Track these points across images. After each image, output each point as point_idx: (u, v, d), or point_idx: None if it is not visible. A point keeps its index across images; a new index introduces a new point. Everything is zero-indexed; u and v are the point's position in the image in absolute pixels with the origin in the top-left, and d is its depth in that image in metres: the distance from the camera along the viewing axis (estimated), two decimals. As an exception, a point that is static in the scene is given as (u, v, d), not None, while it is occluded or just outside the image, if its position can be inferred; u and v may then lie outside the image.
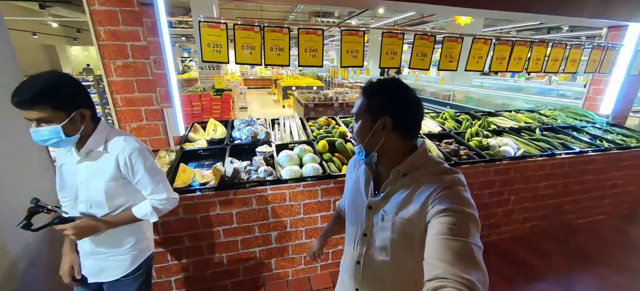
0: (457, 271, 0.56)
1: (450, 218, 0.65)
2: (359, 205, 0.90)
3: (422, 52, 2.35)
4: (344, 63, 2.26)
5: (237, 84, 8.59)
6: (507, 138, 2.75)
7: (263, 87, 16.01)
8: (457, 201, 0.68)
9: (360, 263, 0.90)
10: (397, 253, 0.81)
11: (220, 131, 2.53)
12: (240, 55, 2.11)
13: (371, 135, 0.78)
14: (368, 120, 0.79)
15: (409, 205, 0.76)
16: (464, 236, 0.62)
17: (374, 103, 0.78)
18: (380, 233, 0.83)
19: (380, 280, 0.88)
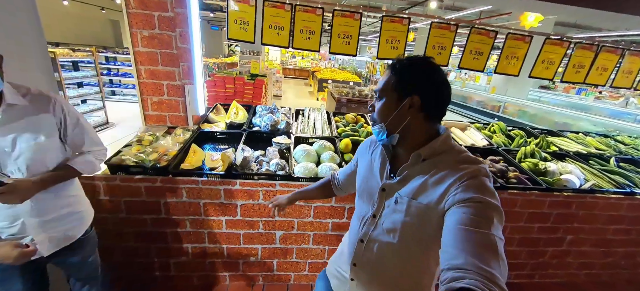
0: (478, 262, 0.54)
1: (473, 209, 0.62)
2: (371, 187, 0.87)
3: (478, 50, 2.00)
4: (381, 54, 2.00)
5: (274, 72, 8.62)
6: (571, 165, 2.26)
7: (301, 78, 16.05)
8: (481, 191, 0.65)
9: (363, 242, 0.89)
10: (405, 237, 0.79)
11: (242, 115, 2.42)
12: (267, 35, 1.95)
13: (396, 115, 0.74)
14: (394, 98, 0.75)
15: (428, 190, 0.73)
16: (486, 228, 0.59)
17: (402, 80, 0.74)
18: (391, 215, 0.81)
19: (380, 259, 0.86)
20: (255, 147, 2.05)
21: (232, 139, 2.15)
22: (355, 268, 0.93)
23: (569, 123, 6.13)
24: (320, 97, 9.49)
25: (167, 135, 1.93)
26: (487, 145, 2.44)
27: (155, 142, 1.84)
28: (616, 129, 5.45)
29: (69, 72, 4.76)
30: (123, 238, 1.75)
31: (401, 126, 0.76)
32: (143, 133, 1.90)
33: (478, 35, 1.95)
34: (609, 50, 2.01)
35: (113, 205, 1.65)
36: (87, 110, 4.82)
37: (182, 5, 1.87)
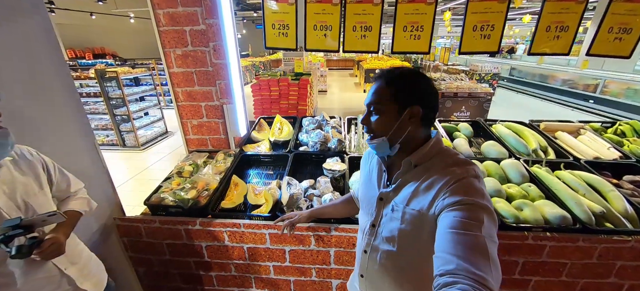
0: (469, 266, 0.54)
1: (463, 212, 0.62)
2: (370, 197, 0.87)
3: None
4: (463, 48, 1.48)
5: (318, 66, 8.31)
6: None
7: (345, 69, 15.49)
8: (470, 193, 0.64)
9: (366, 252, 0.89)
10: (403, 244, 0.79)
11: (286, 131, 2.14)
12: (311, 39, 1.59)
13: (397, 126, 0.74)
14: (394, 110, 0.74)
15: (420, 196, 0.73)
16: (476, 230, 0.59)
17: (401, 91, 0.73)
18: (389, 223, 0.81)
19: (383, 268, 0.85)
20: (303, 171, 1.75)
21: (278, 162, 1.87)
22: (363, 279, 0.94)
23: None
24: (367, 88, 8.89)
25: (208, 163, 1.74)
26: (620, 158, 1.73)
27: (195, 173, 1.66)
28: None
29: (131, 87, 5.13)
30: (169, 278, 1.62)
31: (402, 137, 0.75)
32: (183, 163, 1.74)
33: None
34: None
35: (156, 247, 1.52)
36: (148, 122, 5.15)
37: (214, 15, 1.62)
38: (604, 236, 1.25)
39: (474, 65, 8.20)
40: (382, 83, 0.76)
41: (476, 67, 8.08)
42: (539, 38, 1.47)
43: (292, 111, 4.71)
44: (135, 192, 3.40)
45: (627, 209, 1.34)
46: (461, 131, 2.14)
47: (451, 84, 5.21)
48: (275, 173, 1.80)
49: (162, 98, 7.13)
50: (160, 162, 4.31)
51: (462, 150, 1.87)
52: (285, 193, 1.39)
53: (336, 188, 1.55)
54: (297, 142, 2.03)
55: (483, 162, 1.72)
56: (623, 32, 1.33)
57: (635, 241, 1.24)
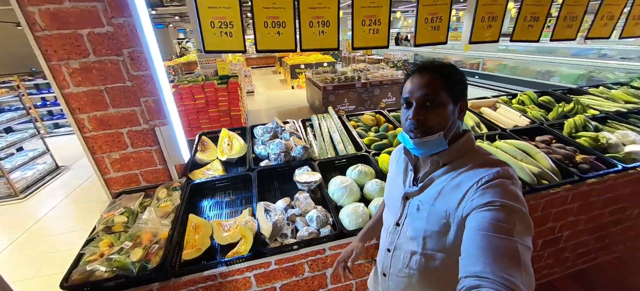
0: (497, 270, 0.51)
1: (494, 213, 0.58)
2: (396, 195, 0.86)
3: (533, 14, 1.58)
4: (418, 40, 1.51)
5: (240, 66, 7.76)
6: (623, 131, 2.01)
7: (266, 66, 15.03)
8: (502, 195, 0.60)
9: (389, 251, 0.87)
10: (428, 244, 0.76)
11: (238, 146, 1.85)
12: (263, 38, 1.37)
13: (452, 122, 0.71)
14: (450, 104, 0.70)
15: (447, 195, 0.70)
16: (508, 233, 0.55)
17: (454, 85, 0.70)
18: (414, 223, 0.78)
19: (407, 268, 0.82)
20: (270, 188, 1.54)
21: (237, 184, 1.60)
22: (385, 278, 0.91)
23: (551, 70, 6.17)
24: (296, 85, 8.83)
25: (147, 206, 1.34)
26: (530, 124, 2.12)
27: (132, 223, 1.25)
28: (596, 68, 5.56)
29: (-15, 116, 3.68)
30: None
31: (452, 132, 0.73)
32: (110, 213, 1.29)
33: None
34: None
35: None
36: (25, 159, 3.78)
37: (124, 12, 1.21)
38: (544, 192, 1.49)
39: (387, 54, 9.07)
40: (438, 75, 0.70)
41: (389, 56, 8.96)
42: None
43: (225, 119, 4.25)
44: (26, 263, 2.44)
45: (552, 165, 1.64)
46: (409, 118, 2.26)
47: (376, 73, 5.60)
48: (238, 197, 1.53)
49: (41, 124, 5.44)
50: (56, 211, 3.23)
51: (418, 137, 1.96)
52: (266, 222, 1.17)
53: (314, 201, 1.40)
54: (255, 157, 1.78)
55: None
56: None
57: (563, 190, 1.52)
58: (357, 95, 5.28)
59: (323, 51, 1.47)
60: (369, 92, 5.31)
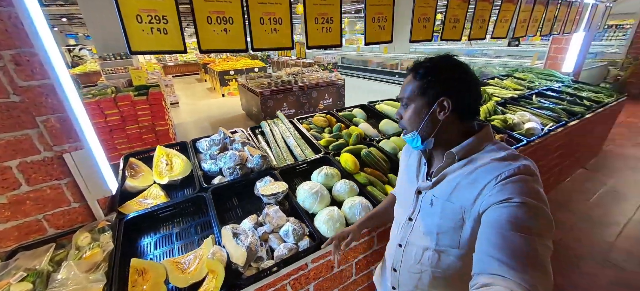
0: (513, 270, 0.49)
1: (513, 210, 0.56)
2: (408, 190, 0.85)
3: (455, 17, 1.80)
4: (368, 39, 1.55)
5: (158, 75, 6.83)
6: (520, 111, 2.50)
7: (189, 74, 13.67)
8: (523, 192, 0.58)
9: (401, 246, 0.86)
10: (442, 240, 0.74)
11: (180, 165, 1.57)
12: (207, 36, 1.19)
13: (427, 120, 0.72)
14: (423, 104, 0.72)
15: (462, 191, 0.68)
16: (527, 232, 0.53)
17: (430, 84, 0.70)
18: (427, 218, 0.77)
19: (419, 264, 0.81)
20: (226, 208, 1.36)
21: (186, 210, 1.35)
22: (395, 273, 0.90)
23: (453, 67, 7.33)
24: (227, 93, 8.27)
25: (61, 260, 1.00)
26: (456, 112, 2.44)
27: (42, 289, 0.90)
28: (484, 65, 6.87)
29: None
30: None
31: (435, 130, 0.72)
32: (1, 283, 0.90)
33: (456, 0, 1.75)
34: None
35: None
36: None
37: (5, 1, 0.88)
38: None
39: (317, 57, 9.33)
40: (410, 76, 0.73)
41: (319, 59, 9.24)
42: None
43: (149, 136, 3.64)
44: None
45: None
46: (358, 116, 2.33)
47: (311, 76, 5.68)
48: (191, 225, 1.28)
49: None
50: None
51: (370, 133, 2.03)
52: (237, 248, 1.00)
53: (288, 213, 1.29)
54: (203, 174, 1.54)
55: (389, 137, 1.95)
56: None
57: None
58: (295, 98, 5.24)
59: (277, 50, 1.37)
60: (307, 95, 5.34)
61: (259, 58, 13.10)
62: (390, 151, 1.79)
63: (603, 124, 3.19)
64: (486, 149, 0.71)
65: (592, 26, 3.50)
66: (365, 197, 1.36)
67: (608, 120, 3.29)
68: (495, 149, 0.70)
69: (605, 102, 2.94)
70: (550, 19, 2.82)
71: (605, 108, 2.89)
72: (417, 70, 0.72)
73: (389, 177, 1.59)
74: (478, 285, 0.52)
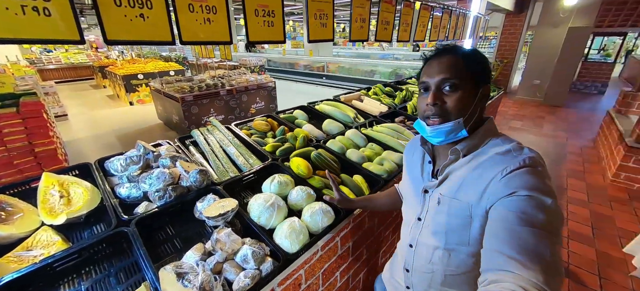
0: (520, 265, 0.48)
1: (520, 204, 0.55)
2: (415, 189, 0.84)
3: (386, 20, 1.91)
4: (311, 36, 1.48)
5: (32, 80, 5.29)
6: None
7: (79, 79, 11.14)
8: (529, 184, 0.57)
9: (412, 247, 0.85)
10: (451, 238, 0.73)
11: (82, 196, 1.18)
12: (116, 24, 0.93)
13: (474, 106, 0.67)
14: (471, 87, 0.67)
15: (469, 187, 0.67)
16: (534, 226, 0.52)
17: (476, 68, 0.67)
18: (436, 217, 0.76)
19: (430, 264, 0.80)
20: (161, 240, 1.10)
21: (104, 254, 1.02)
22: (408, 274, 0.89)
23: (375, 69, 8.03)
24: (136, 100, 7.04)
25: None
26: (388, 110, 2.62)
27: None
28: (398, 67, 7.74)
29: None
30: None
31: (474, 118, 0.69)
32: None
33: (385, 3, 1.85)
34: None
35: None
36: None
37: None
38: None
39: (242, 59, 8.87)
40: (457, 58, 0.67)
41: (245, 61, 8.80)
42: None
43: (25, 161, 2.75)
44: None
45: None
46: (299, 118, 2.25)
47: (240, 78, 5.33)
48: (109, 274, 0.97)
49: None
50: None
51: (315, 134, 1.98)
52: (185, 287, 0.78)
53: (237, 233, 1.10)
54: (119, 202, 1.20)
55: (335, 137, 1.93)
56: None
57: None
58: (224, 103, 4.82)
59: (211, 44, 1.17)
60: (236, 99, 4.97)
61: (173, 60, 11.66)
62: (338, 151, 1.77)
63: (491, 114, 3.96)
64: (490, 143, 0.69)
65: (476, 34, 4.31)
66: (323, 201, 1.29)
67: (493, 110, 4.11)
68: (499, 142, 0.68)
69: (491, 96, 3.65)
70: (445, 26, 3.34)
71: (491, 100, 3.59)
72: (458, 52, 0.68)
73: (342, 177, 1.57)
74: (487, 282, 0.51)
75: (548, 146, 4.39)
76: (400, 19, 2.15)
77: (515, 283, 0.47)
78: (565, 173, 3.53)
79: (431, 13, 2.36)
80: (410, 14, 2.43)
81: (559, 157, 3.99)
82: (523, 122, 5.56)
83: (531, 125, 5.36)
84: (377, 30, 2.03)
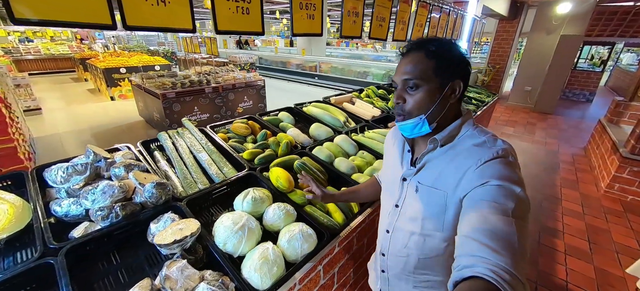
0: (493, 251, 0.50)
1: (492, 193, 0.58)
2: (394, 177, 0.85)
3: (381, 16, 1.74)
4: (295, 29, 1.29)
5: (4, 70, 4.90)
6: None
7: (59, 71, 10.62)
8: (501, 174, 0.60)
9: (389, 232, 0.88)
10: (427, 225, 0.76)
11: (3, 215, 0.96)
12: (132, 11, 0.72)
13: (439, 103, 0.69)
14: (436, 85, 0.68)
15: (446, 176, 0.70)
16: (503, 213, 0.55)
17: (443, 65, 0.67)
18: (413, 204, 0.78)
19: (405, 249, 0.83)
20: (99, 275, 0.89)
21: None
22: (384, 258, 0.92)
23: (368, 70, 7.89)
24: (118, 95, 6.68)
25: None
26: (381, 114, 2.45)
27: None
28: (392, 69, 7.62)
29: None
30: None
31: (441, 114, 0.70)
32: None
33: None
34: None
35: None
36: None
37: None
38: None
39: (232, 56, 8.59)
40: (422, 55, 0.67)
41: (235, 59, 8.53)
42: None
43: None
44: None
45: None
46: (285, 121, 2.06)
47: (227, 76, 5.08)
48: (23, 320, 0.76)
49: None
50: None
51: (301, 140, 1.79)
52: None
53: (196, 265, 0.91)
54: (53, 222, 0.98)
55: (322, 144, 1.75)
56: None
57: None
58: (208, 101, 4.57)
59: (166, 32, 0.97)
60: (222, 98, 4.72)
61: (160, 54, 11.25)
62: (326, 159, 1.59)
63: (486, 119, 3.85)
64: (467, 134, 0.72)
65: (473, 37, 4.21)
66: (305, 222, 1.11)
67: (487, 116, 4.01)
68: (475, 134, 0.71)
69: (486, 101, 3.55)
70: (443, 26, 3.21)
71: (487, 106, 3.48)
72: (427, 48, 0.67)
73: (328, 191, 1.38)
74: (461, 267, 0.52)
75: (540, 153, 4.34)
76: (396, 17, 1.98)
77: (486, 268, 0.48)
78: (559, 183, 3.46)
79: (429, 12, 2.21)
80: (408, 11, 2.28)
81: (551, 165, 3.93)
82: (515, 128, 5.51)
83: (523, 132, 5.32)
84: (371, 27, 1.86)
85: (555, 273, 2.11)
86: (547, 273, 2.11)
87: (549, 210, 2.90)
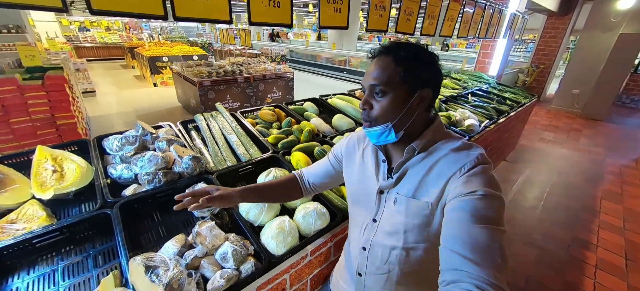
0: (477, 266, 0.51)
1: (476, 202, 0.57)
2: (368, 190, 0.79)
3: (410, 10, 1.75)
4: (322, 22, 1.37)
5: (66, 56, 5.58)
6: (460, 109, 2.66)
7: (110, 59, 11.70)
8: (485, 182, 0.59)
9: (366, 249, 0.81)
10: (409, 238, 0.72)
11: (74, 172, 1.17)
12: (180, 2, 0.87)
13: (406, 111, 0.66)
14: (403, 93, 0.65)
15: (427, 186, 0.67)
16: (487, 222, 0.55)
17: (412, 72, 0.64)
18: (392, 217, 0.74)
19: (387, 265, 0.77)
20: (145, 228, 1.05)
21: (84, 235, 0.99)
22: (361, 278, 0.85)
23: (397, 66, 7.72)
24: (159, 82, 7.26)
25: None
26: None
27: None
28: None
29: None
30: None
31: (408, 123, 0.67)
32: None
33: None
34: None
35: None
36: None
37: None
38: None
39: (264, 48, 8.87)
40: (390, 61, 0.64)
41: (267, 51, 8.80)
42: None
43: (48, 132, 2.88)
44: None
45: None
46: (309, 110, 2.16)
47: (258, 67, 5.30)
48: (87, 256, 0.94)
49: None
50: None
51: (323, 129, 1.88)
52: (151, 289, 0.73)
53: (223, 228, 1.04)
54: (110, 182, 1.17)
55: (343, 134, 1.82)
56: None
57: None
58: (240, 91, 4.82)
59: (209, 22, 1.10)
60: (253, 87, 4.95)
61: (199, 45, 11.92)
62: (345, 148, 1.66)
63: (521, 122, 3.65)
64: (442, 140, 0.70)
65: (512, 34, 3.97)
66: (320, 201, 1.20)
67: (524, 118, 3.79)
68: (450, 139, 0.69)
69: (522, 103, 3.35)
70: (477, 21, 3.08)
71: (523, 108, 3.29)
72: (397, 53, 0.64)
73: (344, 177, 1.46)
74: (446, 283, 0.53)
75: (582, 162, 4.00)
76: (426, 11, 1.97)
77: (471, 283, 0.49)
78: (600, 195, 3.19)
79: (462, 6, 2.13)
80: (438, 5, 2.23)
81: (594, 176, 3.62)
82: (555, 134, 5.11)
83: (565, 138, 4.92)
84: (398, 21, 1.87)
85: (582, 285, 2.00)
86: (572, 282, 2.01)
87: (584, 221, 2.71)
